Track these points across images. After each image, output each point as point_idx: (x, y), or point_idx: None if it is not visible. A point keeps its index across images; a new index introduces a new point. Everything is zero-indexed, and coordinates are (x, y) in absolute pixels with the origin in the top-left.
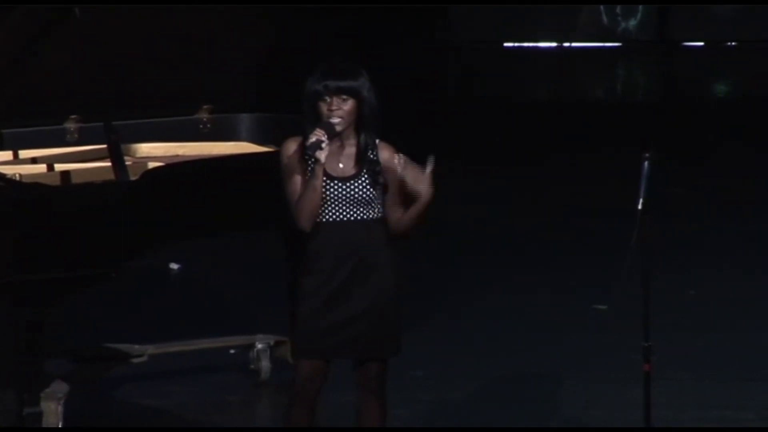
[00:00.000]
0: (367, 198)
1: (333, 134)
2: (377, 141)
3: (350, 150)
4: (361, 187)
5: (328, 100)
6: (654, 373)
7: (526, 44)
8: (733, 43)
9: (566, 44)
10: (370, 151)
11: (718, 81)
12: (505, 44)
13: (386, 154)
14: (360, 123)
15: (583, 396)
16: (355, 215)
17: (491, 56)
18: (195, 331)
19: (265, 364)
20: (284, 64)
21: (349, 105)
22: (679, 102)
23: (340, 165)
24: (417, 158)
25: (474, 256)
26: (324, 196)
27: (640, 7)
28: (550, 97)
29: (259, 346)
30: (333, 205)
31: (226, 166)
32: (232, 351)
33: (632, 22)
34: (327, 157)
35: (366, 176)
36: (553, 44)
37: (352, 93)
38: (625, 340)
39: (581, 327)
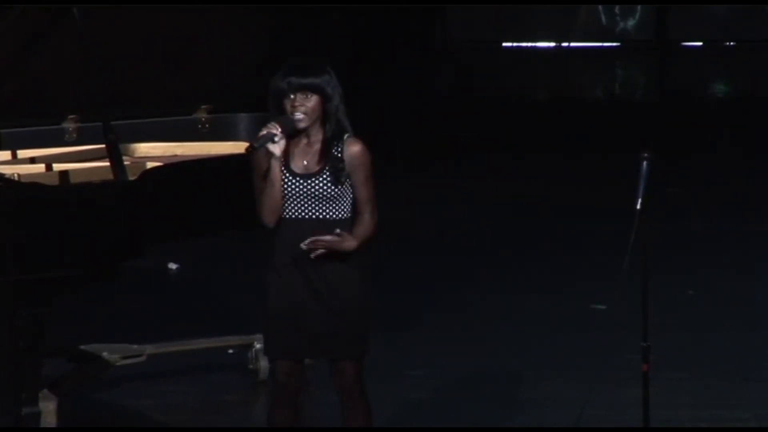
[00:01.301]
0: (328, 195)
1: (292, 130)
2: (346, 137)
3: (317, 147)
4: (321, 184)
5: (292, 97)
6: (652, 373)
7: (524, 44)
8: (732, 43)
9: (565, 44)
10: (335, 148)
11: (716, 81)
12: (504, 44)
13: (353, 150)
14: (326, 119)
15: (582, 396)
16: (315, 213)
17: (490, 56)
18: (193, 331)
19: (264, 363)
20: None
21: (312, 102)
22: (678, 102)
23: (305, 162)
24: (415, 158)
25: (472, 255)
26: (286, 192)
27: (639, 7)
28: (549, 97)
29: (258, 345)
30: (294, 202)
31: (224, 166)
32: (230, 351)
33: (631, 22)
34: (296, 154)
35: (327, 173)
36: (552, 44)
37: (315, 90)
38: (624, 340)
39: (580, 327)
